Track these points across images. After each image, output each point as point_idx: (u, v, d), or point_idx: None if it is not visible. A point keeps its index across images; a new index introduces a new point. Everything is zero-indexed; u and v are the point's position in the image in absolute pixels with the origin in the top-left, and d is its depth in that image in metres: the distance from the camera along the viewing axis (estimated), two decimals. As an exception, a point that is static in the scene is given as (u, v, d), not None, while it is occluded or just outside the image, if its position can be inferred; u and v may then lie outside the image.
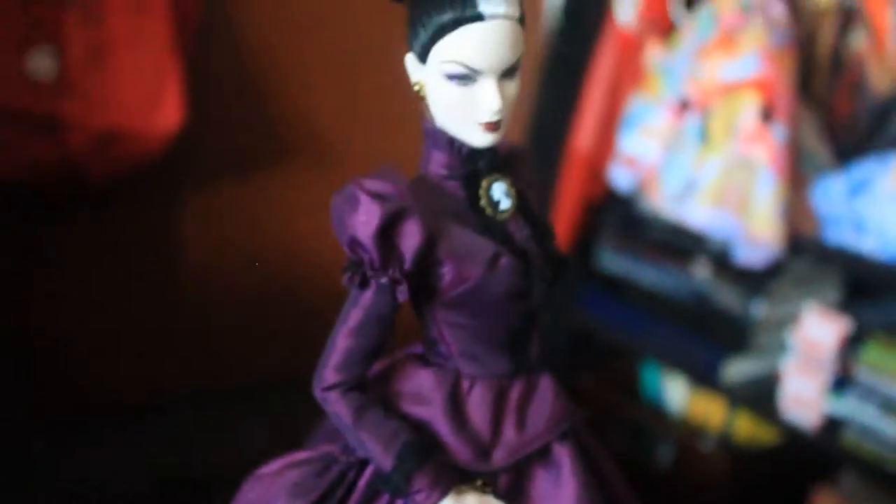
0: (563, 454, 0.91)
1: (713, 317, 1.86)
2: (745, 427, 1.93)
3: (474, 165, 0.90)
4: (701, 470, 1.92)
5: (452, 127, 0.89)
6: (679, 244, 1.89)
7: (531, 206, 0.95)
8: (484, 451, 0.89)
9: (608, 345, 2.04)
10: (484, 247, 0.88)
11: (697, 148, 1.73)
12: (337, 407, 0.88)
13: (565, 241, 2.01)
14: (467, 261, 0.87)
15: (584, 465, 0.92)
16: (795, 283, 1.82)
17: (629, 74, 1.87)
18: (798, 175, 1.74)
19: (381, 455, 0.87)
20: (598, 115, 1.86)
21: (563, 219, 2.01)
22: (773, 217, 1.64)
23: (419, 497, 0.86)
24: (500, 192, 0.91)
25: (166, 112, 1.96)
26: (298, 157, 2.26)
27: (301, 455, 0.95)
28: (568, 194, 1.97)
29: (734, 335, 1.83)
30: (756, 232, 1.65)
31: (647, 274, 1.96)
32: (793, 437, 1.77)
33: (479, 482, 0.89)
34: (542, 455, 0.92)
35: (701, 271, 1.87)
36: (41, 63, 1.88)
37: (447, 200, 0.90)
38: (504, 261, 0.88)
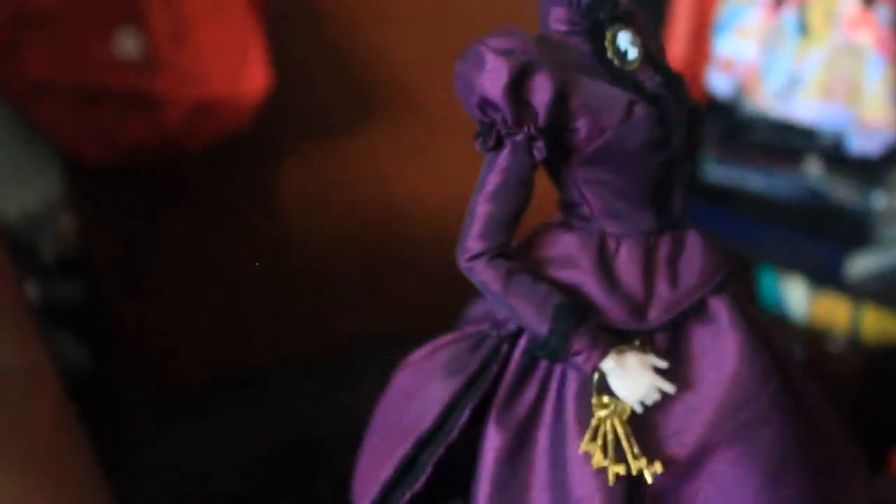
0: (720, 307, 0.86)
1: (831, 215, 1.81)
2: (874, 324, 1.88)
3: (596, 16, 0.86)
4: (832, 371, 1.89)
5: None
6: (787, 145, 1.84)
7: (658, 56, 0.90)
8: (638, 309, 0.85)
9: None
10: (617, 97, 0.84)
11: (797, 41, 1.68)
12: (484, 276, 0.84)
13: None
14: (602, 112, 0.83)
15: (743, 317, 0.87)
16: (914, 170, 1.76)
17: (717, -24, 1.82)
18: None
19: (534, 319, 0.83)
20: (690, 21, 1.81)
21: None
22: (887, 100, 1.59)
23: (579, 359, 0.83)
24: (625, 42, 0.87)
25: (252, 78, 1.98)
26: (386, 111, 2.26)
27: (449, 337, 0.92)
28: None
29: (855, 231, 1.78)
30: (869, 118, 1.60)
31: (756, 180, 1.92)
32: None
33: (636, 342, 0.86)
34: (698, 310, 0.87)
35: (813, 169, 1.82)
36: (127, 44, 1.90)
37: (573, 55, 0.86)
38: (639, 109, 0.84)
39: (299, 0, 2.10)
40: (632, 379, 0.83)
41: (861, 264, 1.78)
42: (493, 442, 0.85)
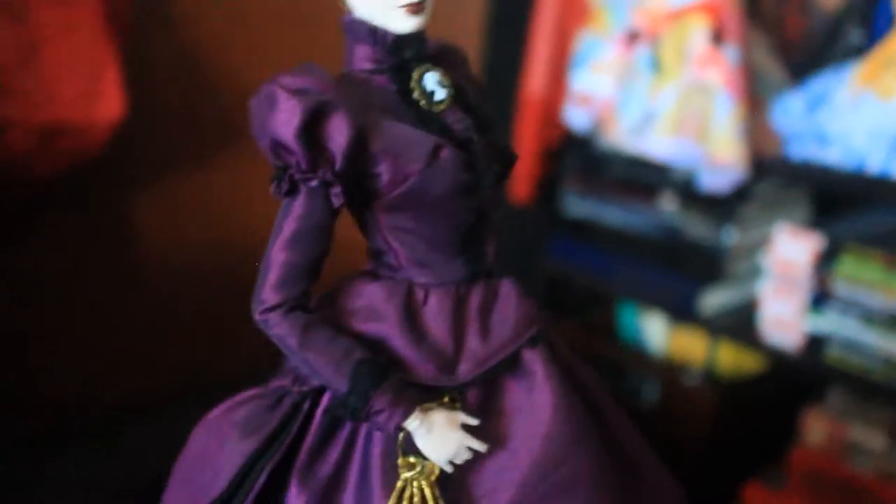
0: (535, 360, 0.84)
1: (684, 250, 1.83)
2: (728, 358, 1.91)
3: (402, 55, 0.83)
4: (687, 404, 1.90)
5: (373, 14, 0.82)
6: (643, 179, 1.86)
7: (470, 97, 0.88)
8: (448, 364, 0.82)
9: (583, 290, 2.01)
10: (422, 140, 0.81)
11: (651, 78, 1.70)
12: (279, 329, 0.80)
13: (527, 191, 1.97)
14: (405, 156, 0.80)
15: (559, 371, 0.85)
16: (764, 207, 1.80)
17: (574, 12, 1.83)
18: (755, 98, 1.71)
19: (334, 377, 0.79)
20: (548, 57, 1.82)
21: (523, 168, 1.97)
22: (735, 138, 1.61)
23: (381, 418, 0.79)
24: (433, 83, 0.84)
25: (107, 102, 1.91)
26: (248, 139, 2.21)
27: (249, 392, 0.88)
28: (525, 142, 1.93)
29: (707, 266, 1.81)
30: (719, 156, 1.62)
31: (614, 214, 1.93)
32: (777, 360, 1.76)
33: (445, 398, 0.83)
34: (512, 364, 0.85)
35: (668, 205, 1.84)
36: (-31, 67, 1.81)
37: (376, 95, 0.83)
38: (445, 153, 0.81)
39: (158, 23, 2.03)
40: (439, 438, 0.80)
41: (714, 299, 1.80)
42: (296, 501, 0.82)
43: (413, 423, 0.80)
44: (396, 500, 0.80)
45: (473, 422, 0.82)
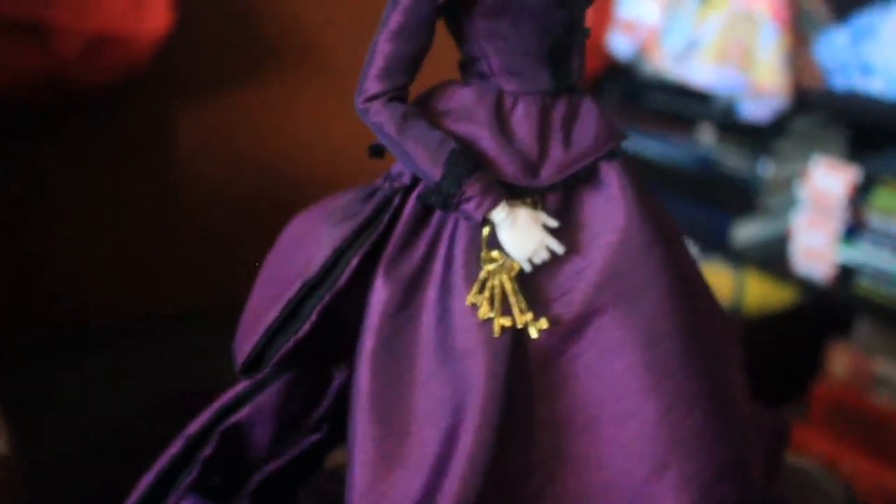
0: (611, 173, 0.86)
1: (720, 182, 1.85)
2: (756, 293, 1.93)
3: None
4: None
5: None
6: (681, 111, 1.88)
7: None
8: (532, 167, 0.84)
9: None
10: None
11: (697, 6, 1.71)
12: (380, 117, 0.83)
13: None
14: None
15: (634, 186, 0.86)
16: (801, 142, 1.81)
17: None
18: (799, 35, 1.72)
19: (428, 164, 0.82)
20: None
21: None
22: (778, 67, 1.63)
23: (470, 206, 0.82)
24: None
25: (154, 15, 1.93)
26: (288, 59, 2.23)
27: (341, 192, 0.91)
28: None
29: (742, 198, 1.83)
30: (761, 84, 1.64)
31: (652, 146, 1.95)
32: (807, 291, 1.78)
33: (528, 199, 0.85)
34: (590, 175, 0.86)
35: (705, 137, 1.86)
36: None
37: None
38: None
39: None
40: (522, 234, 0.83)
41: (747, 231, 1.82)
42: (380, 295, 0.83)
43: (500, 215, 0.83)
44: (479, 289, 0.83)
45: (553, 223, 0.84)
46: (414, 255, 0.85)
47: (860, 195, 1.64)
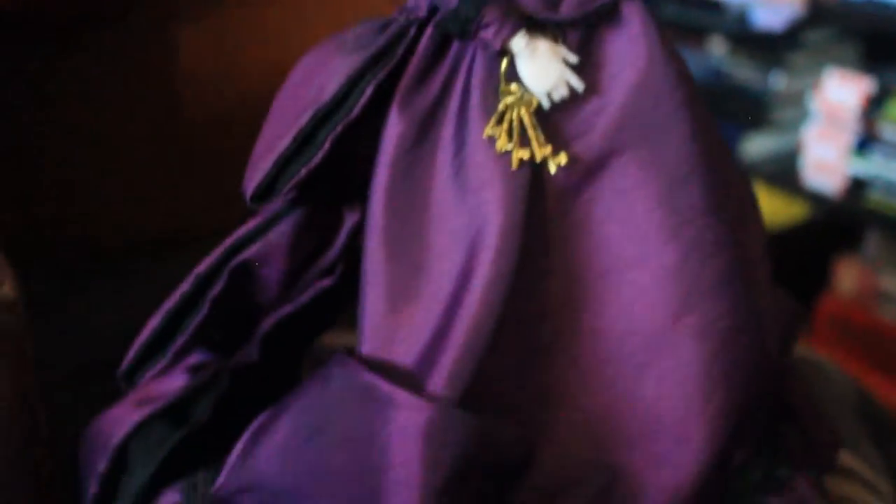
0: (634, 13, 0.81)
1: (731, 95, 1.83)
2: (768, 208, 1.91)
3: None
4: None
5: None
6: (694, 22, 1.85)
7: None
8: (552, 0, 0.80)
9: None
10: None
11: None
12: None
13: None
14: None
15: (657, 28, 0.81)
16: (814, 55, 1.78)
17: None
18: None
19: None
20: None
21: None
22: (794, -27, 1.60)
23: (489, 32, 0.78)
24: None
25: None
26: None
27: (353, 26, 0.86)
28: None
29: (753, 111, 1.80)
30: (776, -10, 1.61)
31: (662, 58, 1.92)
32: (817, 205, 1.77)
33: (548, 34, 0.81)
34: (611, 14, 0.81)
35: (717, 49, 1.83)
36: None
37: None
38: None
39: None
40: (541, 66, 0.79)
41: (758, 144, 1.80)
42: (395, 128, 0.80)
43: (520, 43, 0.79)
44: (497, 121, 0.80)
45: (573, 58, 0.80)
46: (430, 89, 0.81)
47: (873, 107, 1.62)
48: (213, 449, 0.84)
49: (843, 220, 1.80)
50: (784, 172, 1.77)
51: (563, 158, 0.80)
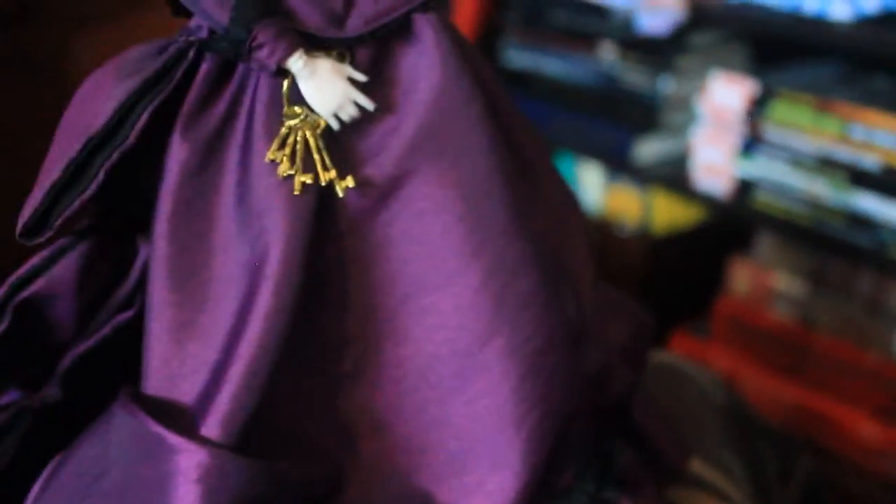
0: (426, 26, 0.80)
1: (622, 99, 1.83)
2: (664, 213, 1.92)
3: None
4: (618, 257, 1.92)
5: None
6: (583, 28, 1.85)
7: None
8: (336, 18, 0.78)
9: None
10: None
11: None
12: None
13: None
14: None
15: (450, 39, 0.80)
16: (702, 57, 1.79)
17: None
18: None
19: (214, 7, 0.76)
20: None
21: (464, 19, 1.95)
22: (673, -23, 1.60)
23: (263, 53, 0.76)
24: None
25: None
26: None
27: (136, 46, 0.84)
28: (468, -9, 1.91)
29: (643, 115, 1.81)
30: (657, -5, 1.61)
31: (555, 64, 1.92)
32: (707, 207, 1.78)
33: (334, 52, 0.80)
34: (403, 29, 0.80)
35: (607, 53, 1.83)
36: None
37: None
38: None
39: None
40: (323, 86, 0.77)
41: (648, 149, 1.81)
42: (178, 155, 0.78)
43: (297, 64, 0.77)
44: (279, 144, 0.78)
45: (360, 77, 0.79)
46: (214, 113, 0.79)
47: (757, 108, 1.63)
48: (17, 492, 0.80)
49: (735, 222, 1.81)
50: (675, 175, 1.77)
51: (349, 181, 0.78)
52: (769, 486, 1.00)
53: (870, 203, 1.51)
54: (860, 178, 1.52)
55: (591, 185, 2.01)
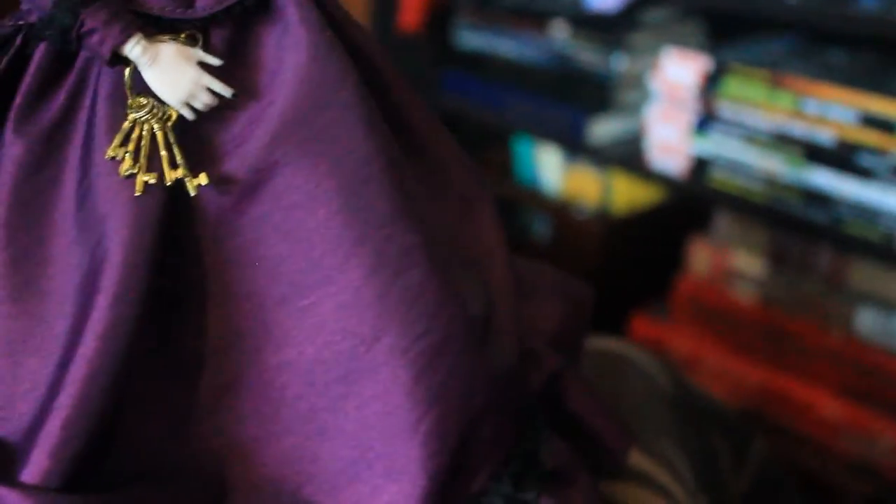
0: (289, 2, 0.73)
1: (575, 79, 1.80)
2: (623, 194, 1.89)
3: None
4: (577, 239, 1.89)
5: None
6: (534, 7, 1.81)
7: None
8: None
9: (478, 126, 1.97)
10: None
11: None
12: None
13: (418, 21, 1.91)
14: None
15: (316, 13, 0.73)
16: (655, 34, 1.76)
17: None
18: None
19: None
20: None
21: (414, 1, 1.91)
22: (621, -48, 1.56)
23: (94, 40, 0.69)
24: None
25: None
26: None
27: None
28: (417, -30, 1.87)
29: (597, 94, 1.77)
30: (605, -29, 1.58)
31: (507, 45, 1.88)
32: (664, 186, 1.74)
33: (182, 35, 0.72)
34: (263, 6, 0.73)
35: (559, 33, 1.79)
36: None
37: None
38: None
39: None
40: (169, 73, 0.70)
41: (604, 128, 1.77)
42: (12, 152, 0.71)
43: (134, 50, 0.70)
44: (121, 140, 0.71)
45: (213, 61, 0.72)
46: (52, 105, 0.72)
47: (711, 85, 1.60)
48: None
49: (692, 201, 1.78)
50: (631, 155, 1.74)
51: (202, 179, 0.71)
52: (720, 478, 0.97)
53: (825, 179, 1.48)
54: (815, 154, 1.49)
55: (550, 167, 1.97)
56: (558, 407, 0.84)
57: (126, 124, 0.71)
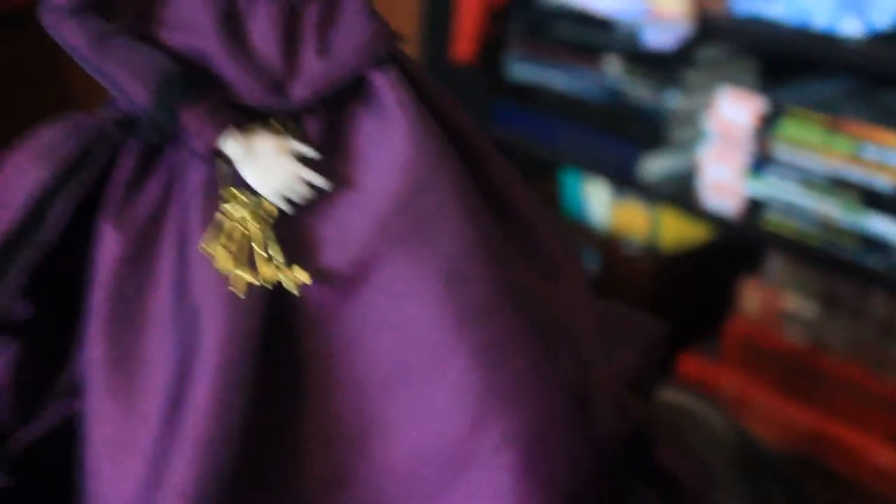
0: (384, 85, 0.71)
1: (627, 114, 1.79)
2: (671, 230, 1.88)
3: None
4: (627, 275, 1.88)
5: None
6: (587, 41, 1.80)
7: None
8: (277, 85, 0.69)
9: (526, 158, 1.96)
10: None
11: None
12: (69, 33, 0.68)
13: (471, 52, 1.91)
14: None
15: (412, 95, 0.71)
16: (709, 72, 1.75)
17: None
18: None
19: (136, 88, 0.67)
20: None
21: (466, 31, 1.91)
22: (679, -8, 1.56)
23: (190, 137, 0.68)
24: None
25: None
26: None
27: (55, 121, 0.75)
28: (468, 4, 1.87)
29: (650, 131, 1.76)
30: (662, 9, 1.57)
31: (559, 78, 1.88)
32: (716, 226, 1.73)
33: (278, 124, 0.71)
34: (358, 90, 0.71)
35: (612, 68, 1.79)
36: None
37: None
38: None
39: None
40: (264, 166, 0.68)
41: (656, 164, 1.76)
42: (109, 247, 0.71)
43: (231, 146, 0.69)
44: (216, 234, 0.70)
45: (310, 153, 0.70)
46: (147, 197, 0.71)
47: (767, 126, 1.58)
48: None
49: (744, 242, 1.77)
50: (683, 193, 1.73)
51: (302, 276, 0.69)
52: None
53: (882, 225, 1.46)
54: (873, 200, 1.47)
55: (598, 201, 1.97)
56: (646, 455, 0.83)
57: (220, 216, 0.70)
